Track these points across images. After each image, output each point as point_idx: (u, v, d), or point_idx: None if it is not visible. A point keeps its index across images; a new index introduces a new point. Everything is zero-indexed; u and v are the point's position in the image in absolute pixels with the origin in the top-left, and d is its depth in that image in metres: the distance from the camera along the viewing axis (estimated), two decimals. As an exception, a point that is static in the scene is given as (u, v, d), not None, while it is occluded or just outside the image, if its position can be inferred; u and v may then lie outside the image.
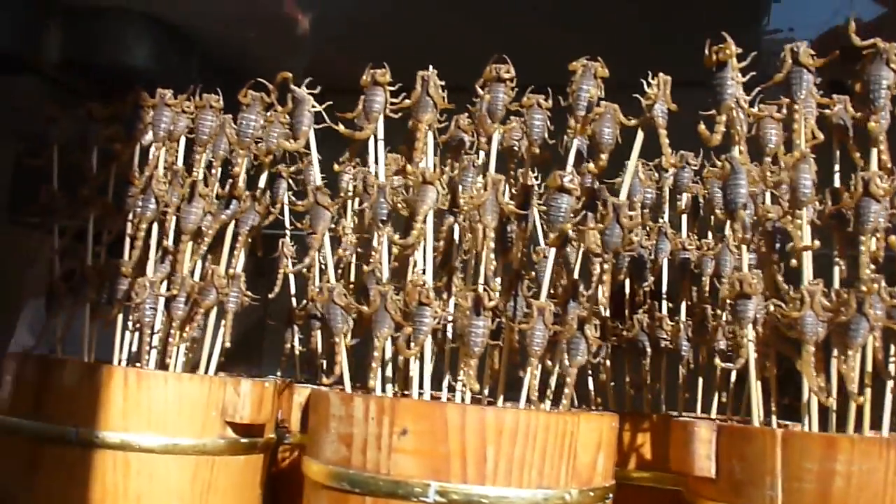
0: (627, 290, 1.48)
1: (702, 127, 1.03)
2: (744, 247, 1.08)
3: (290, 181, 1.51)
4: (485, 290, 1.17)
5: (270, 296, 1.48)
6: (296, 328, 1.59)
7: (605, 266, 1.12)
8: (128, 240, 1.35)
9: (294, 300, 1.59)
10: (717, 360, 1.23)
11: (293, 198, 1.53)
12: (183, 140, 1.39)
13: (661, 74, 1.09)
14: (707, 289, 1.43)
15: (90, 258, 1.36)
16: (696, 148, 1.40)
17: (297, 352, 1.59)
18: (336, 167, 1.37)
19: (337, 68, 3.27)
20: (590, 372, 1.44)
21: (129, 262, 1.30)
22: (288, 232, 1.59)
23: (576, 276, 1.21)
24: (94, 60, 3.30)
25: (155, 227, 1.33)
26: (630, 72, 1.14)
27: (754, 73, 1.03)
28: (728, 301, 1.10)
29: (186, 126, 1.37)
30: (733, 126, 1.04)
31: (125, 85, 3.50)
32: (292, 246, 1.59)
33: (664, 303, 1.47)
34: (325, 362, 1.57)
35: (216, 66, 3.54)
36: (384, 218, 1.20)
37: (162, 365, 1.34)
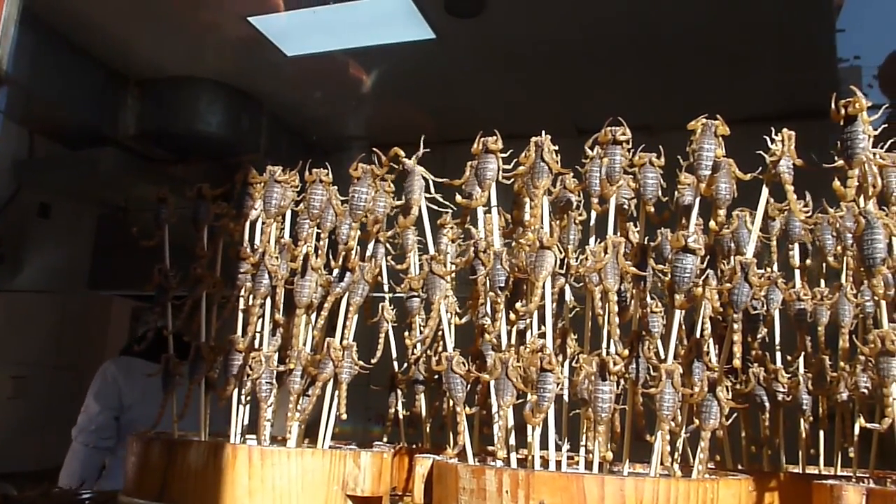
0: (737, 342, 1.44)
1: (836, 183, 1.00)
2: (883, 302, 1.04)
3: (388, 245, 1.52)
4: (609, 354, 1.15)
5: (373, 361, 1.47)
6: (399, 392, 1.58)
7: (736, 326, 1.09)
8: (241, 315, 1.36)
9: (395, 364, 1.58)
10: (861, 420, 1.18)
11: (392, 262, 1.54)
12: (288, 213, 1.41)
13: (784, 130, 1.07)
14: (823, 339, 1.39)
15: (203, 334, 1.37)
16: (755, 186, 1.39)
17: (401, 416, 1.58)
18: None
19: (394, 123, 3.36)
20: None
21: (245, 338, 1.30)
22: (387, 296, 1.59)
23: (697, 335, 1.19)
24: (169, 129, 3.40)
25: (268, 301, 1.34)
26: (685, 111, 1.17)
27: (885, 125, 1.00)
28: (867, 357, 1.06)
29: (292, 199, 1.38)
30: (865, 180, 1.01)
31: (199, 151, 3.59)
32: (391, 310, 1.58)
33: (778, 355, 1.43)
34: (428, 426, 1.56)
35: (284, 127, 3.62)
36: (502, 285, 1.19)
37: (274, 439, 1.35)
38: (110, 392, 3.12)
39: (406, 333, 1.51)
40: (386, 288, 1.57)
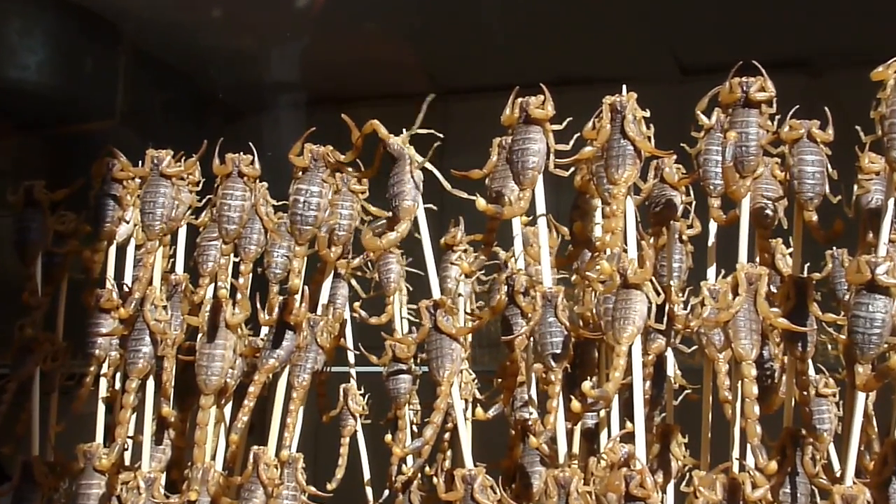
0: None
1: None
2: None
3: (355, 284, 1.56)
4: (744, 469, 1.19)
5: (331, 485, 1.52)
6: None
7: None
8: (102, 407, 1.40)
9: (370, 492, 1.62)
10: None
11: (363, 312, 1.59)
12: (183, 230, 1.45)
13: None
14: None
15: (36, 442, 1.42)
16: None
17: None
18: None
19: (356, 65, 3.37)
20: None
21: (112, 448, 1.34)
22: (353, 370, 1.63)
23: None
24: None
25: (150, 383, 1.38)
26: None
27: None
28: None
29: (190, 206, 1.43)
30: None
31: (11, 116, 3.61)
32: (362, 397, 1.62)
33: None
34: None
35: (162, 73, 3.64)
36: (557, 350, 1.22)
37: None
38: None
39: (389, 437, 1.55)
40: (352, 357, 1.61)
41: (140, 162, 1.44)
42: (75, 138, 3.57)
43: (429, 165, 1.30)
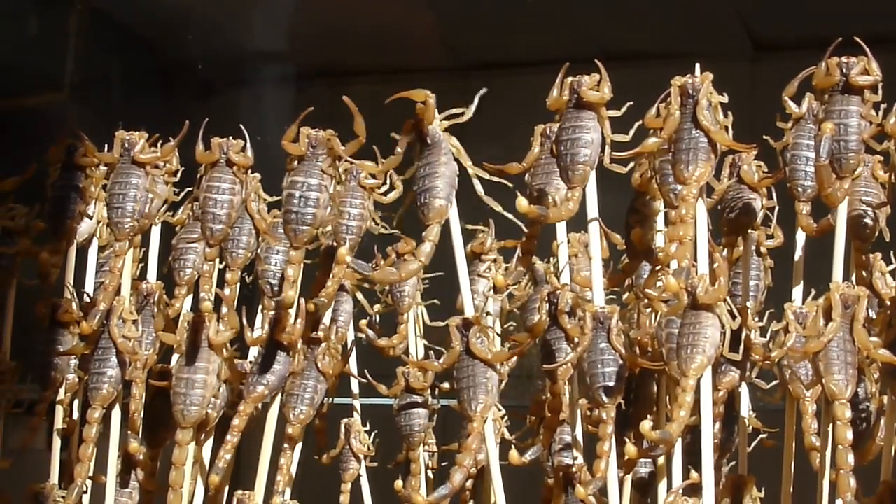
0: None
1: None
2: None
3: (360, 296, 1.56)
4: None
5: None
6: None
7: None
8: (57, 440, 1.41)
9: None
10: None
11: (371, 332, 1.59)
12: (156, 228, 1.46)
13: None
14: None
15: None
16: None
17: None
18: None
19: (356, 32, 3.36)
20: None
21: (71, 490, 1.35)
22: (356, 402, 1.63)
23: None
24: None
25: (115, 413, 1.39)
26: None
27: None
28: None
29: (166, 200, 1.44)
30: None
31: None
32: (367, 434, 1.62)
33: None
34: None
35: (122, 36, 3.63)
36: (610, 382, 1.21)
37: None
38: None
39: (399, 483, 1.54)
40: (356, 386, 1.61)
41: (107, 145, 1.43)
42: (14, 114, 3.56)
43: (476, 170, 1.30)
